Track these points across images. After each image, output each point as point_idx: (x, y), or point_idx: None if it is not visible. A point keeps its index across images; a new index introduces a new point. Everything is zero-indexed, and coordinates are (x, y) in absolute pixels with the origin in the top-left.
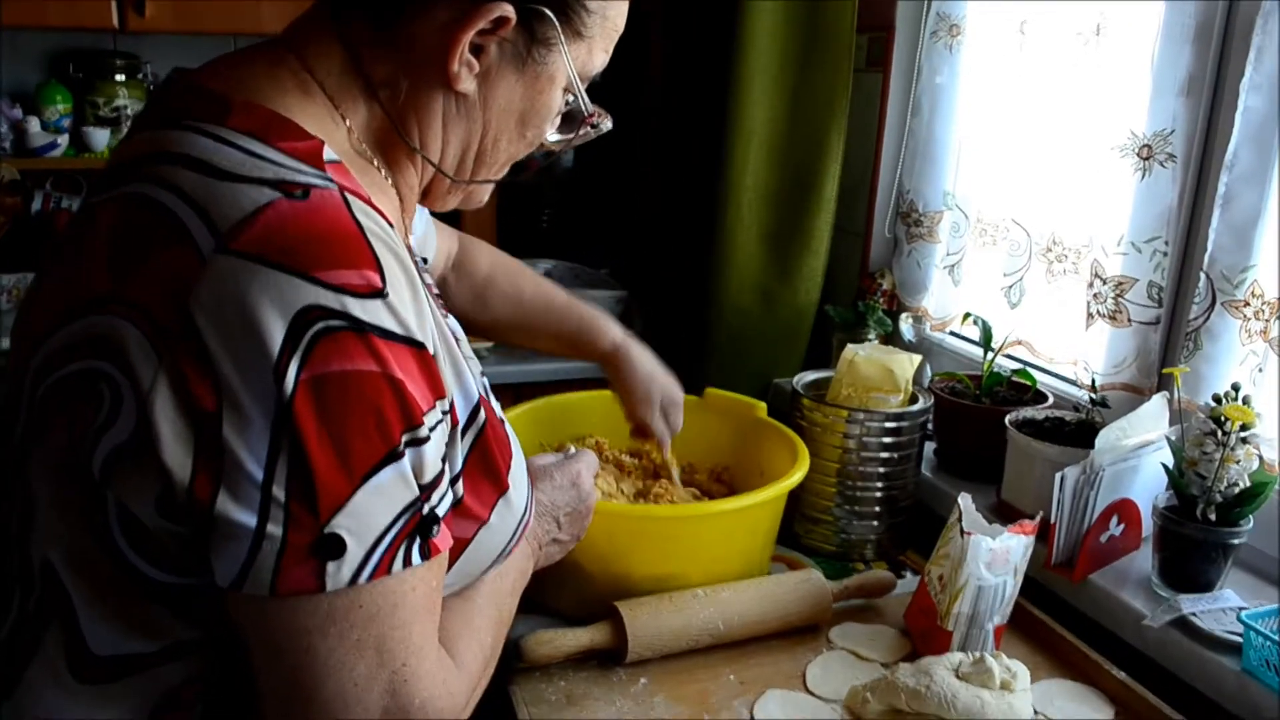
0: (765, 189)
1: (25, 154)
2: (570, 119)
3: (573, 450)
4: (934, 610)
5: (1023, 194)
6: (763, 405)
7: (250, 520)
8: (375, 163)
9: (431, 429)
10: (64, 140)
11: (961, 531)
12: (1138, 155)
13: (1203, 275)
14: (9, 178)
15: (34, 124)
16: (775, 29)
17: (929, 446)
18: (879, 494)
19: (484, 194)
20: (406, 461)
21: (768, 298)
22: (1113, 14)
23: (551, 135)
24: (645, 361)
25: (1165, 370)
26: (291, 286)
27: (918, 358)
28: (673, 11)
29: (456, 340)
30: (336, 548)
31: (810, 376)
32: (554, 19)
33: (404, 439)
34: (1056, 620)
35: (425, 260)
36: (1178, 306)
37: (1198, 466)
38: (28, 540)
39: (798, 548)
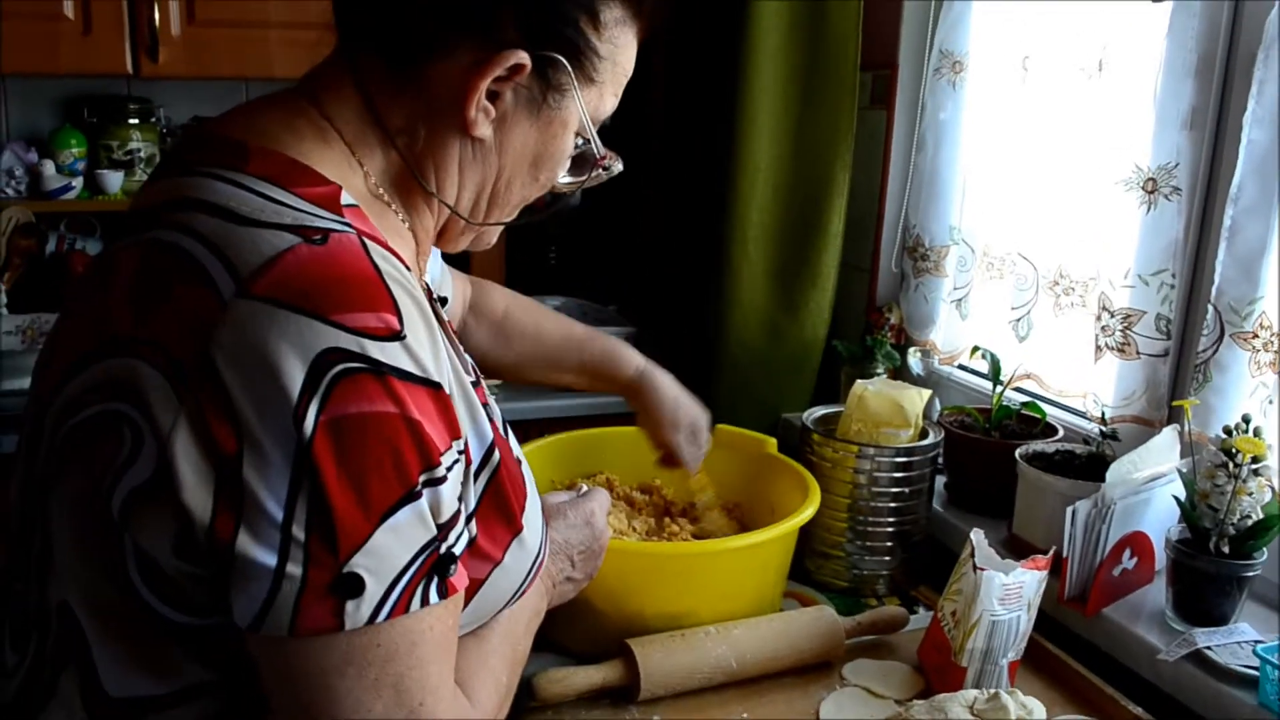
0: (771, 225)
1: (40, 197)
2: (580, 161)
3: (585, 488)
4: (948, 646)
5: (1029, 228)
6: (773, 441)
7: (270, 560)
8: (393, 206)
9: (448, 469)
10: (78, 183)
11: (974, 567)
12: (1142, 189)
13: (1210, 307)
14: (24, 220)
15: (49, 167)
16: (779, 67)
17: (939, 480)
18: (890, 529)
19: (493, 235)
20: (424, 501)
21: (775, 333)
22: (1115, 49)
23: (563, 178)
24: (669, 387)
25: (1175, 403)
26: (311, 330)
27: (927, 392)
28: (677, 50)
29: (475, 380)
30: (356, 586)
31: (820, 412)
32: (567, 65)
33: (421, 479)
34: (1071, 655)
35: (444, 300)
36: (1186, 339)
37: (1210, 499)
38: (46, 582)
39: (809, 583)
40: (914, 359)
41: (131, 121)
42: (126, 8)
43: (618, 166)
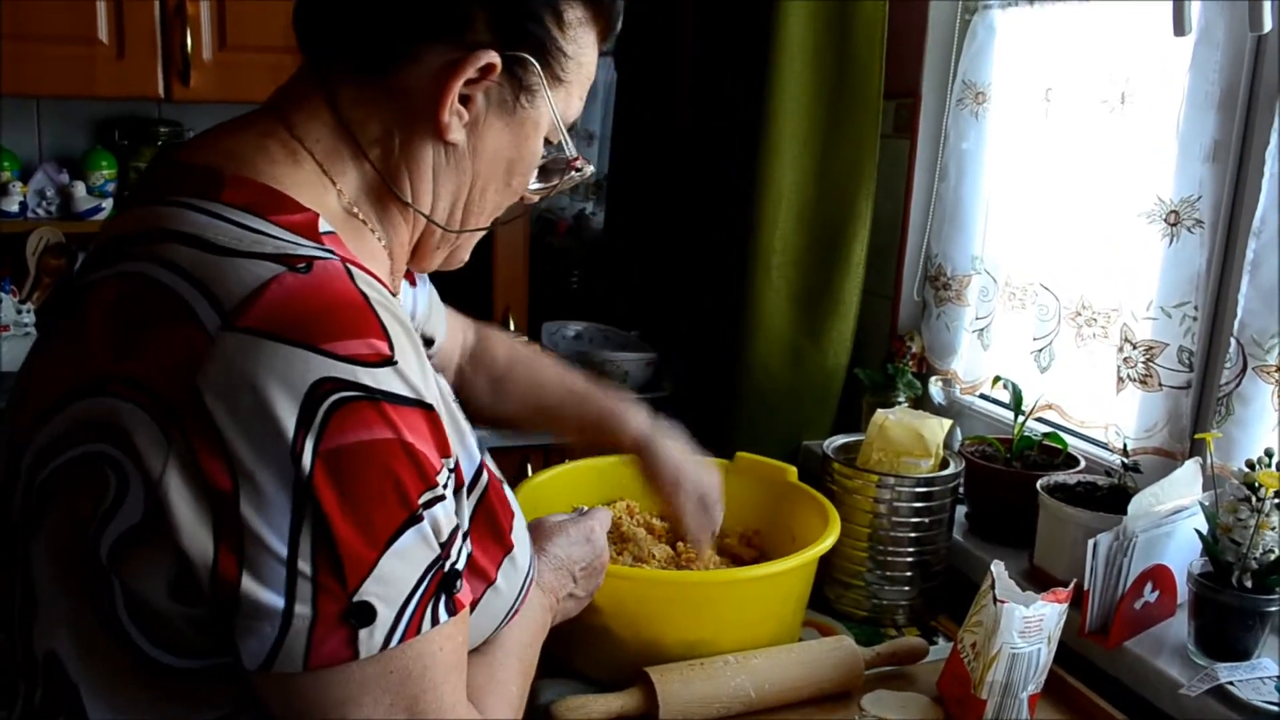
0: (794, 252)
1: (70, 217)
2: (549, 166)
3: (585, 509)
4: (967, 678)
5: (1051, 258)
6: (793, 469)
7: (279, 599)
8: (368, 224)
9: (444, 486)
10: (108, 204)
11: (995, 599)
12: (1165, 221)
13: (1233, 340)
14: (54, 240)
15: (80, 188)
16: (803, 95)
17: (960, 510)
18: (910, 559)
19: (465, 253)
20: (426, 523)
21: (797, 360)
22: (1138, 81)
23: (534, 184)
24: (671, 452)
25: (1197, 435)
26: (302, 361)
27: (948, 422)
28: (701, 76)
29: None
30: (367, 615)
31: (840, 440)
32: (537, 65)
33: (422, 501)
34: (1092, 688)
35: (431, 341)
36: (1208, 371)
37: (1232, 533)
38: (31, 631)
39: (828, 612)
40: (935, 388)
41: (161, 144)
42: (160, 32)
43: (589, 169)
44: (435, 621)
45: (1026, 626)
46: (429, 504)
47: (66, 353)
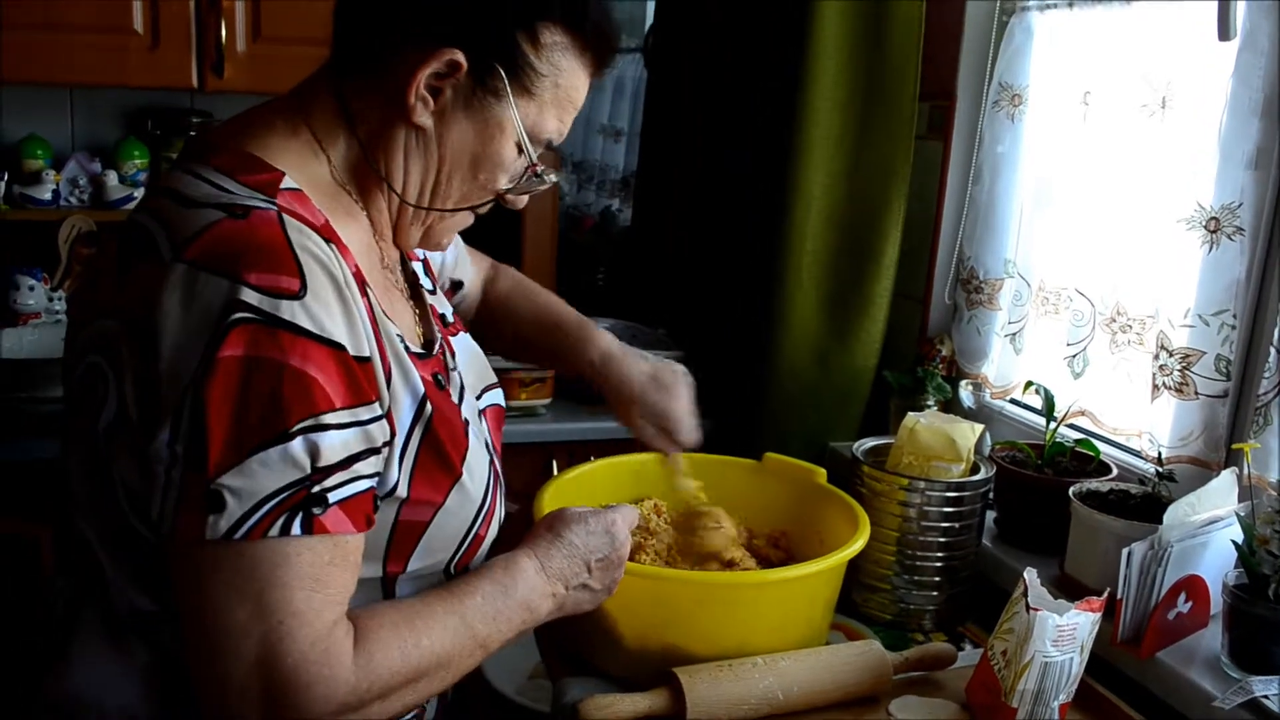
0: (824, 253)
1: (102, 206)
2: (518, 171)
3: (613, 507)
4: (998, 686)
5: (1086, 263)
6: (822, 471)
7: (161, 469)
8: (351, 195)
9: (342, 425)
10: (139, 193)
11: (1027, 607)
12: (1205, 228)
13: (1272, 350)
14: (86, 229)
15: (112, 177)
16: (836, 95)
17: (990, 516)
18: (939, 564)
19: (444, 235)
20: (299, 444)
21: (825, 361)
22: (1179, 86)
23: (504, 184)
24: (631, 373)
25: (1235, 445)
26: (219, 286)
27: (980, 427)
28: (733, 74)
29: (427, 352)
30: (218, 503)
31: (870, 443)
32: (502, 73)
33: (300, 425)
34: (1123, 698)
35: (460, 284)
36: (1246, 380)
37: (1269, 545)
38: (72, 516)
39: (855, 616)
40: (965, 391)
41: (194, 134)
42: (194, 24)
43: (551, 177)
44: (286, 531)
45: (1060, 635)
46: (310, 430)
47: (94, 283)
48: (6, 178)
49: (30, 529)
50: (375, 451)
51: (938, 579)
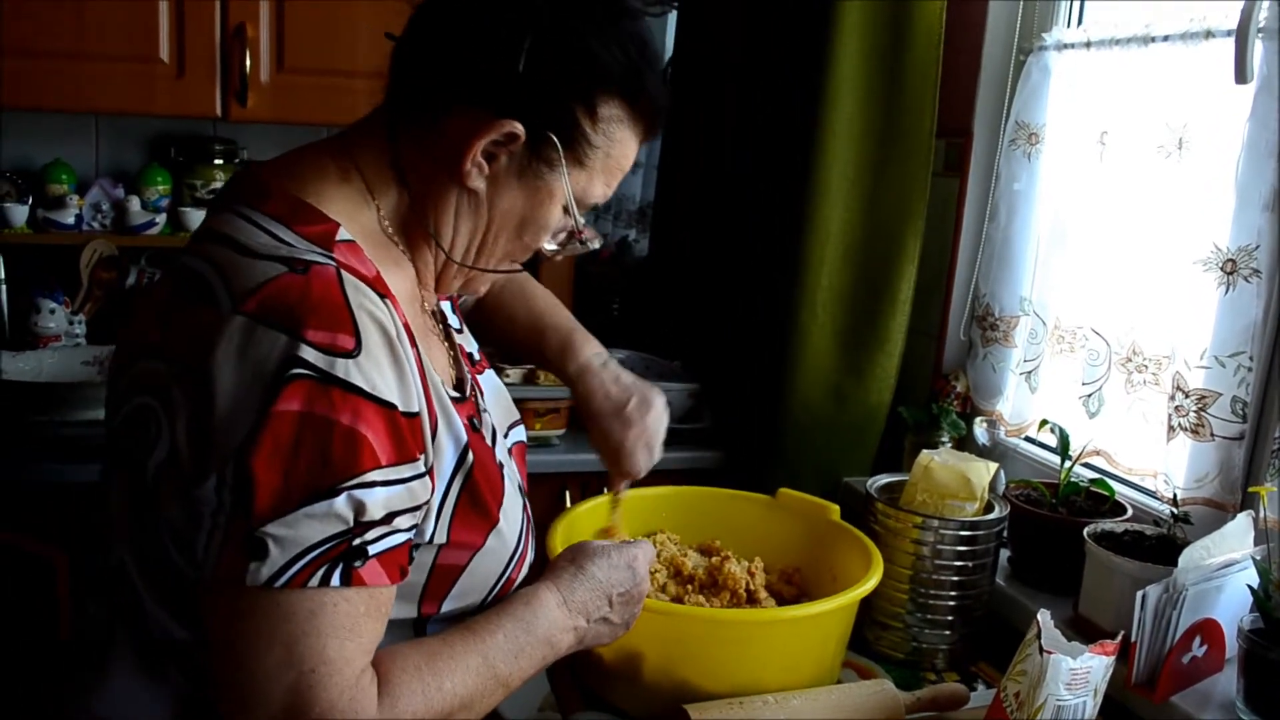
0: (840, 288)
1: (124, 231)
2: (562, 231)
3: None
4: None
5: (1102, 303)
6: (836, 508)
7: (208, 512)
8: (399, 245)
9: (388, 482)
10: (161, 219)
11: (1040, 649)
12: (1221, 269)
13: None
14: (107, 253)
15: (135, 203)
16: (854, 131)
17: (1003, 554)
18: (952, 602)
19: (482, 284)
20: (345, 500)
21: (840, 396)
22: (1195, 128)
23: (549, 245)
24: (598, 393)
25: (1251, 488)
26: (279, 340)
27: (994, 465)
28: (751, 108)
29: (462, 395)
30: (260, 550)
31: (884, 480)
32: (558, 145)
33: (348, 481)
34: None
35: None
36: (1263, 422)
37: None
38: (111, 544)
39: (867, 653)
40: (980, 429)
41: (216, 162)
42: (219, 54)
43: (595, 244)
44: (325, 582)
45: (1073, 679)
46: (357, 486)
47: (139, 324)
48: (31, 201)
49: (47, 550)
50: (417, 508)
51: (951, 618)
